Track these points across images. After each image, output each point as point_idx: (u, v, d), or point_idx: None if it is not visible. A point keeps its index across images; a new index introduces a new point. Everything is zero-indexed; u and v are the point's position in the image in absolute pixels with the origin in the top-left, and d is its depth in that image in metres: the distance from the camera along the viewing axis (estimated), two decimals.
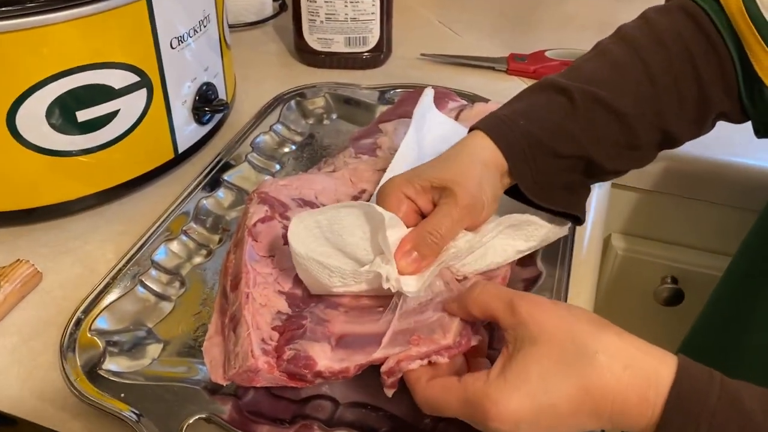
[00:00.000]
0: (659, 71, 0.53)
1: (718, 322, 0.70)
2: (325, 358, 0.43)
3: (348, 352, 0.44)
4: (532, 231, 0.51)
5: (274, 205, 0.53)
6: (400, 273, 0.45)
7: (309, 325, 0.45)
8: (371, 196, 0.57)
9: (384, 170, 0.60)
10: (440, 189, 0.48)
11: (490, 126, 0.51)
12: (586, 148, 0.52)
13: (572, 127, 0.51)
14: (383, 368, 0.42)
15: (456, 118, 0.70)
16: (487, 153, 0.50)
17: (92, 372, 0.48)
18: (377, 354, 0.43)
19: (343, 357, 0.43)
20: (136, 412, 0.45)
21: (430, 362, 0.42)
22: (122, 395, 0.46)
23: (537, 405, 0.38)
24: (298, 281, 0.49)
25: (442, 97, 0.74)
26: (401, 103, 0.74)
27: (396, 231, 0.46)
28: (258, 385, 0.44)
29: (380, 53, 0.88)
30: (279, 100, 0.78)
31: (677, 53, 0.53)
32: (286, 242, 0.50)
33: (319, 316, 0.46)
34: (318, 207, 0.55)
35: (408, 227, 0.47)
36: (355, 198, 0.57)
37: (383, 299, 0.48)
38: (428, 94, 0.65)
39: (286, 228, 0.51)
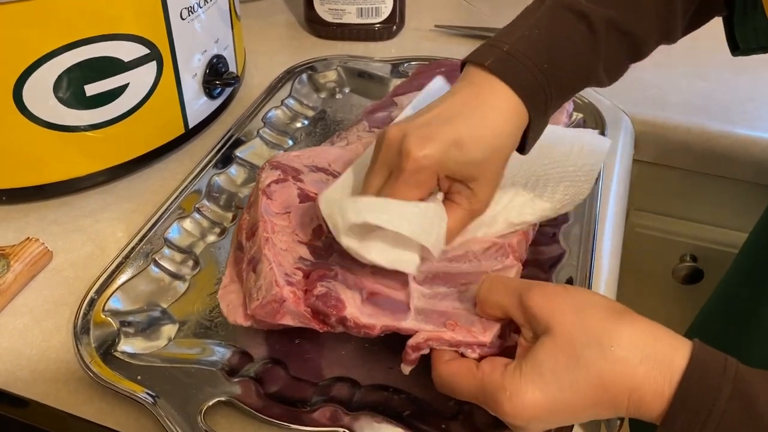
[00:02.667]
0: None
1: (734, 295, 0.68)
2: (354, 306, 0.42)
3: (377, 311, 0.43)
4: (557, 188, 0.50)
5: (287, 170, 0.52)
6: None
7: (340, 273, 0.44)
8: None
9: None
10: (463, 182, 0.45)
11: (519, 79, 0.46)
12: (599, 77, 0.50)
13: (593, 62, 0.49)
14: (411, 341, 0.41)
15: None
16: (515, 120, 0.46)
17: (107, 354, 0.47)
18: (408, 323, 0.42)
19: (372, 313, 0.42)
20: (154, 394, 0.44)
21: (457, 352, 0.41)
22: (138, 377, 0.45)
23: (552, 400, 0.37)
24: (317, 234, 0.47)
25: (456, 69, 0.72)
26: (416, 75, 0.72)
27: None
28: (281, 321, 0.43)
29: (393, 24, 0.86)
30: (290, 74, 0.76)
31: None
32: (302, 200, 0.49)
33: (348, 268, 0.45)
34: (332, 173, 0.54)
35: (419, 199, 0.45)
36: None
37: None
38: (437, 81, 0.62)
39: (300, 189, 0.50)
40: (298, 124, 0.71)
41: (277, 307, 0.42)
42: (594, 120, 0.69)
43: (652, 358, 0.37)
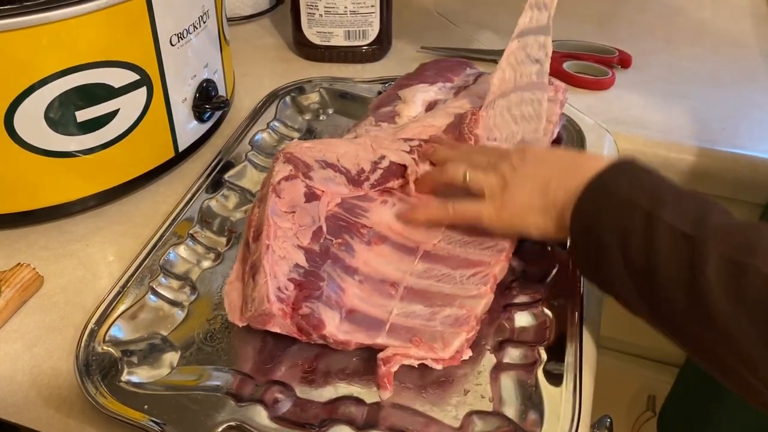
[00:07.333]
0: None
1: None
2: (333, 326, 0.47)
3: (353, 328, 0.48)
4: None
5: (298, 165, 0.55)
6: None
7: (326, 290, 0.49)
8: (390, 162, 0.59)
9: (404, 139, 0.61)
10: None
11: None
12: None
13: None
14: (381, 354, 0.46)
15: (473, 82, 0.71)
16: None
17: (112, 384, 0.46)
18: (378, 339, 0.47)
19: (348, 330, 0.48)
20: (162, 422, 0.44)
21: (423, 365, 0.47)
22: (145, 407, 0.45)
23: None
24: (315, 237, 0.52)
25: (459, 65, 0.73)
26: (420, 70, 0.74)
27: None
28: (270, 329, 0.48)
29: (380, 46, 0.87)
30: (274, 97, 0.76)
31: None
32: (307, 200, 0.54)
33: (337, 282, 0.50)
34: (339, 169, 0.57)
35: None
36: (374, 164, 0.59)
37: (398, 273, 0.52)
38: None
39: (308, 187, 0.55)
40: None
41: (267, 318, 0.47)
42: (572, 136, 0.70)
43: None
